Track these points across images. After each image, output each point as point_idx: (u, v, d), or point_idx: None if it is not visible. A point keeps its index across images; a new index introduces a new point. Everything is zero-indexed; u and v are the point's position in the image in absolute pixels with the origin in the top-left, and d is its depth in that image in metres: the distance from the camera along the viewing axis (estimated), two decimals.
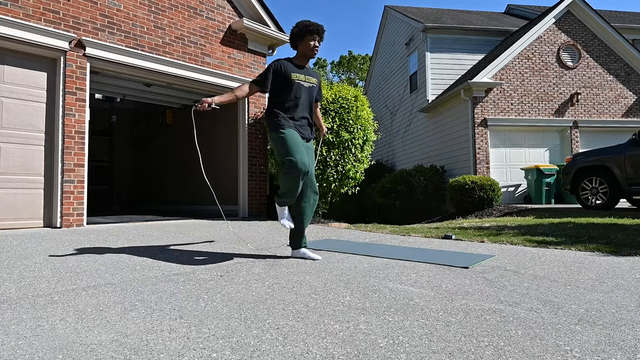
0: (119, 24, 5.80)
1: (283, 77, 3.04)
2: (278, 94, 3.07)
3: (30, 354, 1.39)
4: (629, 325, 1.67)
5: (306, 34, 3.08)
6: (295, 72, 3.09)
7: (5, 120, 4.90)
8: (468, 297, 2.07)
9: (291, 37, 3.16)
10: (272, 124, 3.06)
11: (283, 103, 3.06)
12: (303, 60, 3.17)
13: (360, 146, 6.81)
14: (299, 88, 3.08)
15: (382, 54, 17.26)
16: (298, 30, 3.09)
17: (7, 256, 3.15)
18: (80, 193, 5.28)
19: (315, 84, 3.23)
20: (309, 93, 3.15)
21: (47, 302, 1.98)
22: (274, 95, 3.10)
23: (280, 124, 3.01)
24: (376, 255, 3.30)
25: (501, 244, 3.96)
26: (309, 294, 2.13)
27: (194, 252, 3.43)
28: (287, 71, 3.06)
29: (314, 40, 3.09)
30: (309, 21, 3.10)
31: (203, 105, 2.81)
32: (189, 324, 1.68)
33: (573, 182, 7.45)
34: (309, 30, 3.06)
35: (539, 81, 11.00)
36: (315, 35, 3.09)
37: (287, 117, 3.05)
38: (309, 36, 3.08)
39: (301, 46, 3.13)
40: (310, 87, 3.16)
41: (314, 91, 3.22)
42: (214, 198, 3.94)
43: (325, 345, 1.46)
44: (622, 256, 3.24)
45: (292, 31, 3.13)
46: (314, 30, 3.07)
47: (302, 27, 3.07)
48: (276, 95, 3.09)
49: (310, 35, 3.08)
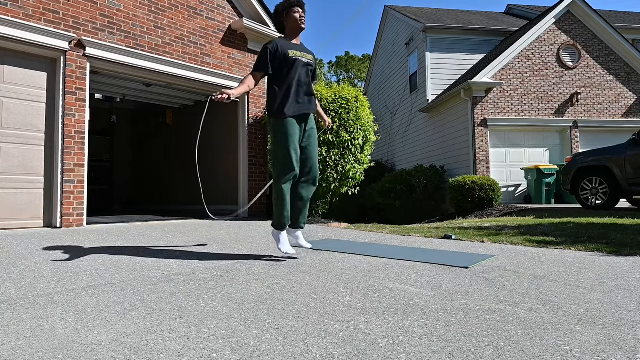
0: (119, 24, 5.80)
1: (281, 56, 3.02)
2: (279, 74, 3.05)
3: (30, 354, 1.39)
4: (629, 325, 1.67)
5: (289, 9, 3.10)
6: (292, 48, 3.08)
7: (5, 120, 4.90)
8: (468, 297, 2.07)
9: (276, 17, 3.18)
10: (274, 109, 3.03)
11: (284, 81, 3.03)
12: (293, 35, 3.16)
13: (360, 146, 6.81)
14: (298, 64, 3.06)
15: (382, 54, 17.26)
16: (283, 6, 3.11)
17: (7, 256, 3.15)
18: (80, 193, 5.28)
19: (312, 61, 3.21)
20: (307, 68, 3.14)
21: (47, 302, 1.98)
22: (275, 76, 3.07)
23: (281, 110, 2.99)
24: (376, 255, 3.30)
25: (501, 244, 3.96)
26: (309, 294, 2.13)
27: (194, 252, 3.43)
28: (284, 49, 3.04)
29: (298, 12, 3.11)
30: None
31: (223, 96, 2.77)
32: (189, 324, 1.68)
33: (573, 182, 7.45)
34: (291, 3, 3.09)
35: (539, 81, 11.00)
36: (298, 7, 3.11)
37: (288, 96, 3.01)
38: (292, 10, 3.10)
39: (288, 22, 3.13)
40: (308, 62, 3.14)
41: (312, 67, 3.21)
42: (203, 197, 3.96)
43: (325, 345, 1.46)
44: (622, 256, 3.24)
45: (277, 9, 3.15)
46: (295, 3, 3.09)
47: (284, 3, 3.11)
48: (277, 75, 3.06)
49: (293, 9, 3.10)
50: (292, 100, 3.01)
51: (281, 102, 3.01)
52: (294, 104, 3.02)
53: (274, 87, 3.06)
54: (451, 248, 3.72)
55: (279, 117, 3.00)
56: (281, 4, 3.12)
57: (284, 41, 3.11)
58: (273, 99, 3.06)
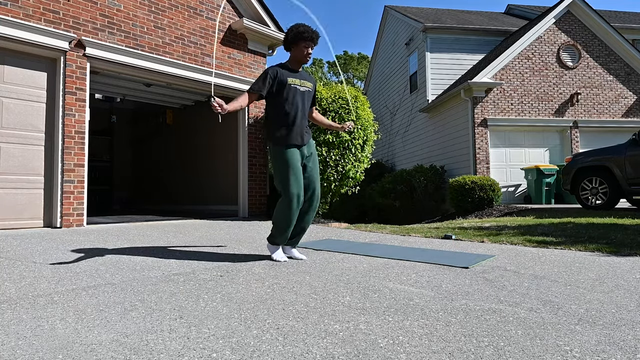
0: (119, 24, 5.80)
1: (279, 83, 3.03)
2: (275, 100, 3.06)
3: (30, 354, 1.39)
4: (629, 325, 1.67)
5: (300, 41, 3.06)
6: (291, 76, 3.08)
7: (5, 120, 4.90)
8: (468, 297, 2.07)
9: (285, 42, 3.14)
10: (273, 138, 3.05)
11: (281, 109, 3.04)
12: (296, 65, 3.16)
13: (360, 146, 6.81)
14: (296, 93, 3.07)
15: (382, 54, 17.26)
16: (292, 36, 3.06)
17: (7, 256, 3.15)
18: (80, 193, 5.28)
19: (311, 89, 3.22)
20: (305, 97, 3.14)
21: (47, 302, 1.98)
22: (271, 101, 3.09)
23: (280, 139, 3.01)
24: (376, 255, 3.30)
25: (501, 244, 3.96)
26: (309, 294, 2.13)
27: (194, 252, 3.43)
28: (284, 76, 3.05)
29: (307, 48, 3.08)
30: (303, 26, 3.06)
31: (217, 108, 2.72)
32: (189, 324, 1.68)
33: (573, 182, 7.45)
34: (304, 37, 3.04)
35: (539, 81, 11.00)
36: (310, 42, 3.07)
37: (286, 124, 3.02)
38: (302, 43, 3.06)
39: (295, 51, 3.11)
40: (305, 91, 3.15)
41: (310, 95, 3.21)
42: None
43: (325, 345, 1.46)
44: (622, 256, 3.24)
45: (286, 36, 3.11)
46: (308, 38, 3.05)
47: (297, 33, 3.04)
48: (274, 101, 3.07)
49: (304, 42, 3.06)
50: (290, 128, 3.03)
51: (279, 130, 3.02)
52: (291, 132, 3.03)
53: (272, 113, 3.08)
54: (451, 248, 3.72)
55: (277, 145, 3.02)
56: (293, 33, 3.06)
57: (284, 69, 3.10)
58: (271, 125, 3.08)
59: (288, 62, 3.16)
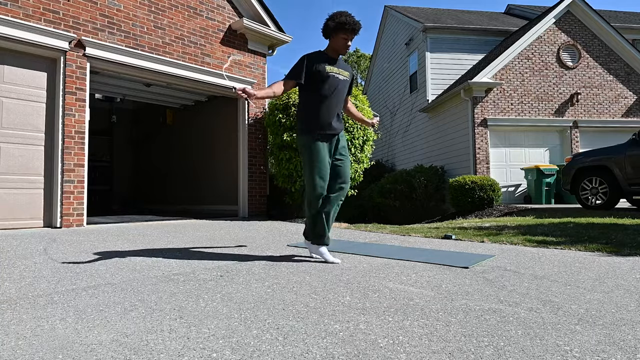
0: (119, 24, 5.80)
1: (317, 70, 2.93)
2: (312, 88, 2.96)
3: (30, 354, 1.39)
4: (629, 325, 1.67)
5: (340, 32, 2.95)
6: (329, 64, 2.99)
7: (5, 120, 4.90)
8: (468, 297, 2.07)
9: (325, 29, 3.00)
10: (303, 128, 2.98)
11: (317, 97, 2.95)
12: (334, 54, 3.06)
13: (360, 146, 6.81)
14: (334, 81, 2.98)
15: (382, 53, 17.25)
16: (334, 26, 2.93)
17: (7, 256, 3.15)
18: (80, 193, 5.28)
19: (348, 78, 3.13)
20: (342, 86, 3.06)
21: (47, 302, 1.98)
22: (307, 89, 2.99)
23: (310, 131, 2.94)
24: (376, 255, 3.30)
25: (501, 244, 3.96)
26: (309, 294, 2.13)
27: (194, 252, 3.43)
28: (321, 64, 2.95)
29: (347, 40, 2.98)
30: (346, 17, 2.93)
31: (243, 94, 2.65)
32: (189, 324, 1.68)
33: (573, 182, 7.45)
34: (345, 28, 2.93)
35: (539, 81, 11.00)
36: (351, 34, 2.97)
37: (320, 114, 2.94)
38: (343, 33, 2.95)
39: (333, 41, 3.00)
40: (344, 80, 3.06)
41: (347, 84, 3.12)
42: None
43: (325, 345, 1.46)
44: (622, 256, 3.24)
45: (327, 23, 2.97)
46: (350, 30, 2.94)
47: (339, 23, 2.92)
48: (310, 89, 2.97)
49: (344, 34, 2.95)
50: (323, 119, 2.95)
51: (312, 120, 2.95)
52: (324, 123, 2.95)
53: (306, 101, 3.00)
54: (451, 248, 3.72)
55: (308, 134, 2.95)
56: (335, 22, 2.93)
57: (322, 56, 3.01)
58: (304, 114, 3.00)
59: (326, 50, 3.07)
